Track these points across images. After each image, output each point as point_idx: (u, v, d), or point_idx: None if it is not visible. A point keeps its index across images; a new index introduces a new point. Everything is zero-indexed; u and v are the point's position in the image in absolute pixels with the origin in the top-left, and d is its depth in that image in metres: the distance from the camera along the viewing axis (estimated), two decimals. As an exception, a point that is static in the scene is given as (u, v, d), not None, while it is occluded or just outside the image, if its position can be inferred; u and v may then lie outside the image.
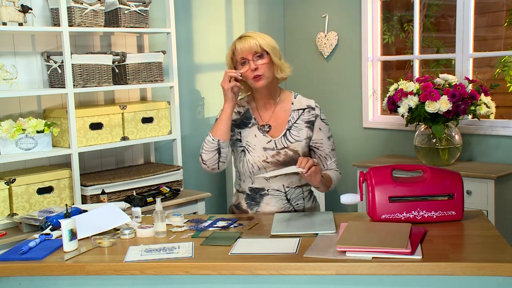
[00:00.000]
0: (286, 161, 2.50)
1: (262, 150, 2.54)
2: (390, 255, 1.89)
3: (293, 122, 2.56)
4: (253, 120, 2.59)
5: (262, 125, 2.58)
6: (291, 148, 2.52)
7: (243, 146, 2.57)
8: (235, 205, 2.68)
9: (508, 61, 4.84)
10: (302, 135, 2.55)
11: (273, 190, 2.56)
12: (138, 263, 1.98)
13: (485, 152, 3.92)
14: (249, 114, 2.61)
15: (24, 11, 3.15)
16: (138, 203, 3.21)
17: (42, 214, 2.79)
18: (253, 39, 2.45)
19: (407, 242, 1.96)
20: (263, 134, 2.56)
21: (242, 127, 2.60)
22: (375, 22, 4.46)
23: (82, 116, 3.37)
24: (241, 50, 2.46)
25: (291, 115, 2.57)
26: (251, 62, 2.46)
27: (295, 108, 2.59)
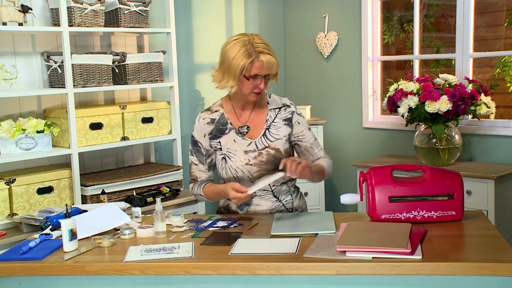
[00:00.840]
0: (269, 161, 2.51)
1: (244, 153, 2.52)
2: (390, 255, 1.89)
3: (271, 121, 2.56)
4: (229, 124, 2.56)
5: (240, 126, 2.56)
6: (272, 146, 2.53)
7: (224, 153, 2.55)
8: (223, 207, 2.68)
9: (508, 61, 4.84)
10: (281, 133, 2.55)
11: (260, 191, 2.55)
12: (138, 263, 1.98)
13: (485, 152, 3.92)
14: (223, 119, 2.57)
15: (24, 11, 3.15)
16: (138, 203, 3.21)
17: (42, 214, 2.79)
18: (274, 58, 2.42)
19: (407, 242, 1.96)
20: (242, 138, 2.54)
21: (219, 136, 2.56)
22: (375, 22, 4.46)
23: (82, 116, 3.37)
24: (263, 67, 2.40)
25: (268, 114, 2.57)
26: (263, 81, 2.44)
27: (271, 107, 2.59)
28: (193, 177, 2.64)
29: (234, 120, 2.57)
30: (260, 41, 2.43)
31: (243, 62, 2.39)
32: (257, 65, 2.40)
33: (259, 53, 2.39)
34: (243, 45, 2.41)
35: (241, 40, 2.44)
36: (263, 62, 2.39)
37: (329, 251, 1.98)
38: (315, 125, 4.31)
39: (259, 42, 2.42)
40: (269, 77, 2.47)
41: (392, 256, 1.89)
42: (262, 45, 2.42)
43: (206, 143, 2.58)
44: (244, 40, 2.43)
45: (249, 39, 2.43)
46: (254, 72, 2.41)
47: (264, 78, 2.44)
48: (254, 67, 2.40)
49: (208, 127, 2.57)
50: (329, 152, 4.74)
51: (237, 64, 2.40)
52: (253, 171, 2.51)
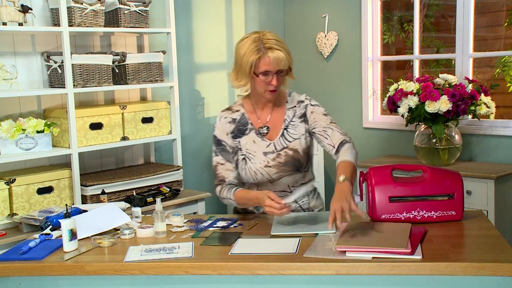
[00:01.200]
0: (287, 162, 2.48)
1: (262, 155, 2.49)
2: (390, 255, 1.89)
3: (289, 121, 2.52)
4: (249, 125, 2.52)
5: (260, 127, 2.53)
6: (291, 147, 2.49)
7: (244, 154, 2.51)
8: None
9: (508, 61, 4.84)
10: (299, 132, 2.50)
11: (279, 192, 2.51)
12: (138, 263, 1.98)
13: (485, 152, 3.92)
14: (244, 119, 2.53)
15: (24, 11, 3.15)
16: (138, 203, 3.21)
17: (42, 214, 2.79)
18: (283, 53, 2.37)
19: (407, 242, 1.96)
20: (261, 139, 2.50)
21: (239, 136, 2.52)
22: (375, 22, 4.46)
23: (82, 116, 3.37)
24: (271, 63, 2.36)
25: (286, 113, 2.53)
26: (275, 77, 2.39)
27: (289, 106, 2.54)
28: (219, 178, 2.51)
29: (254, 120, 2.53)
30: (271, 37, 2.38)
31: (252, 59, 2.36)
32: (265, 61, 2.36)
33: (268, 49, 2.35)
34: (252, 41, 2.38)
35: (251, 37, 2.41)
36: (271, 58, 2.35)
37: (329, 251, 1.98)
38: (315, 125, 4.30)
39: (269, 38, 2.38)
40: (282, 74, 2.41)
41: (392, 256, 1.89)
42: (273, 41, 2.37)
43: (230, 141, 2.52)
44: (255, 37, 2.39)
45: (259, 35, 2.39)
46: (263, 69, 2.37)
47: (276, 74, 2.39)
48: (262, 63, 2.36)
49: (230, 126, 2.53)
50: (329, 152, 4.75)
51: (246, 61, 2.38)
52: (272, 173, 2.48)
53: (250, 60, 2.37)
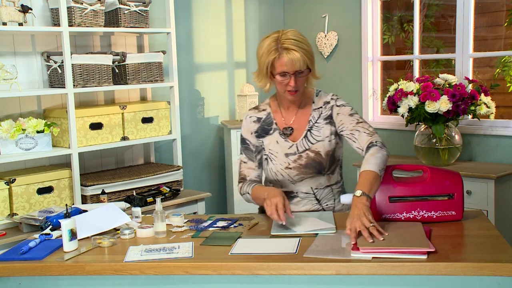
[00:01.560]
0: (308, 164, 2.43)
1: (284, 156, 2.45)
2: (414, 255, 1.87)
3: (314, 122, 2.46)
4: (274, 125, 2.49)
5: (284, 128, 2.48)
6: (313, 149, 2.44)
7: (266, 154, 2.49)
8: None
9: (508, 61, 4.84)
10: (323, 134, 2.44)
11: (302, 193, 2.49)
12: (138, 263, 1.98)
13: (485, 152, 3.92)
14: (269, 119, 2.50)
15: (24, 11, 3.15)
16: (138, 203, 3.21)
17: (42, 214, 2.79)
18: (299, 53, 2.29)
19: (428, 241, 1.95)
20: (284, 140, 2.46)
21: (263, 135, 2.49)
22: (375, 22, 4.46)
23: (82, 116, 3.37)
24: (286, 64, 2.30)
25: (311, 114, 2.47)
26: (292, 78, 2.33)
27: (315, 107, 2.48)
28: (241, 176, 2.53)
29: (279, 120, 2.50)
30: (290, 37, 2.32)
31: (268, 59, 2.33)
32: (281, 62, 2.31)
33: (284, 49, 2.30)
34: (271, 41, 2.34)
35: (272, 36, 2.36)
36: (285, 59, 2.29)
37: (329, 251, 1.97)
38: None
39: (288, 38, 2.31)
40: (301, 74, 2.35)
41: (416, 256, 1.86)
42: (290, 40, 2.31)
43: (254, 140, 2.51)
44: (274, 37, 2.34)
45: (279, 35, 2.34)
46: (280, 70, 2.33)
47: (294, 75, 2.33)
48: (278, 64, 2.32)
49: (254, 125, 2.51)
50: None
51: (264, 62, 2.36)
52: (292, 174, 2.45)
53: (267, 60, 2.34)
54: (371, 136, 2.34)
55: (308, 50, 2.35)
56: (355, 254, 1.91)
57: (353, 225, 2.01)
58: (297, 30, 2.40)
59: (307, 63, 2.34)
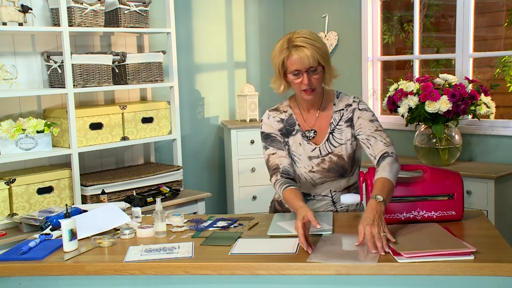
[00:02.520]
0: (331, 168, 2.40)
1: (307, 159, 2.42)
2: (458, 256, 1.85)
3: (336, 125, 2.42)
4: (296, 126, 2.44)
5: (307, 130, 2.44)
6: (335, 153, 2.41)
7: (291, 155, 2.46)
8: (278, 201, 2.59)
9: (508, 61, 4.84)
10: (345, 137, 2.41)
11: (320, 196, 2.48)
12: (138, 263, 1.98)
13: (485, 152, 3.92)
14: (292, 120, 2.45)
15: (24, 11, 3.15)
16: (138, 203, 3.21)
17: (42, 214, 2.79)
18: (309, 50, 2.25)
19: (461, 241, 1.94)
20: (307, 142, 2.42)
21: (288, 136, 2.44)
22: (375, 22, 4.46)
23: (82, 116, 3.38)
24: (296, 62, 2.26)
25: (333, 117, 2.42)
26: (305, 76, 2.28)
27: (336, 109, 2.43)
28: (273, 167, 2.37)
29: (301, 122, 2.45)
30: (301, 35, 2.28)
31: (279, 59, 2.30)
32: (291, 60, 2.27)
33: (293, 47, 2.26)
34: (282, 42, 2.31)
35: (284, 37, 2.33)
36: (294, 57, 2.25)
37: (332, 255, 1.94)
38: (315, 125, 4.31)
39: (298, 37, 2.28)
40: (315, 72, 2.29)
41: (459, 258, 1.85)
42: (301, 39, 2.27)
43: (280, 135, 2.44)
44: (286, 38, 2.31)
45: (291, 35, 2.31)
46: (291, 68, 2.29)
47: (306, 73, 2.28)
48: (289, 62, 2.28)
49: (278, 124, 2.45)
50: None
51: (276, 63, 2.33)
52: (315, 178, 2.43)
53: (278, 60, 2.31)
54: (387, 146, 2.29)
55: (320, 47, 2.29)
56: (400, 260, 1.87)
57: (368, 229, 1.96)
58: (310, 31, 2.35)
59: (318, 59, 2.27)
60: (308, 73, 2.29)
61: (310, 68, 2.28)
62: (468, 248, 1.88)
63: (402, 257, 1.87)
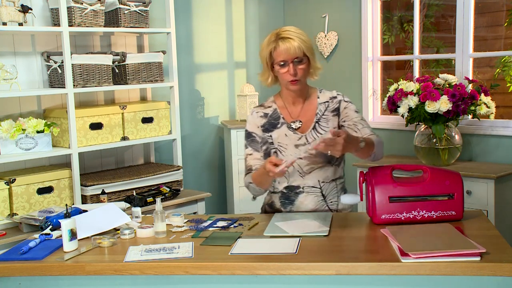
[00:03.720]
0: (318, 153, 2.46)
1: (294, 148, 2.51)
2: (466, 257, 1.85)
3: (321, 115, 2.54)
4: (281, 119, 2.55)
5: (292, 121, 2.54)
6: None
7: (275, 147, 2.53)
8: (268, 204, 2.65)
9: (508, 61, 4.84)
10: (331, 125, 2.53)
11: (309, 187, 2.53)
12: (138, 263, 1.98)
13: (485, 152, 3.92)
14: (276, 114, 2.57)
15: (24, 11, 3.15)
16: (138, 203, 3.21)
17: (42, 214, 2.79)
18: (296, 41, 2.39)
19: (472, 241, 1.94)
20: (293, 132, 2.53)
21: (271, 130, 2.55)
22: (375, 22, 4.46)
23: (82, 116, 3.38)
24: (283, 52, 2.40)
25: (318, 108, 2.55)
26: (291, 66, 2.42)
27: (321, 101, 2.57)
28: (248, 168, 2.57)
29: (286, 115, 2.57)
30: (288, 29, 2.43)
31: (266, 51, 2.44)
32: (278, 51, 2.41)
33: (279, 39, 2.41)
34: (270, 36, 2.46)
35: (271, 32, 2.48)
36: (281, 47, 2.39)
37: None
38: (315, 125, 4.31)
39: (285, 30, 2.43)
40: (301, 63, 2.42)
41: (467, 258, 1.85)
42: (288, 32, 2.42)
43: (261, 133, 2.56)
44: (273, 32, 2.46)
45: (278, 30, 2.46)
46: (279, 59, 2.42)
47: (293, 63, 2.41)
48: (276, 53, 2.42)
49: (261, 120, 2.57)
50: (329, 152, 4.74)
51: (264, 55, 2.47)
52: (303, 165, 2.50)
53: (266, 52, 2.45)
54: (373, 134, 2.49)
55: (306, 40, 2.44)
56: (405, 260, 1.87)
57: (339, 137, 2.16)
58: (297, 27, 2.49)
59: (304, 50, 2.41)
60: (294, 64, 2.42)
61: (296, 58, 2.41)
62: (478, 248, 1.87)
63: (410, 257, 1.87)
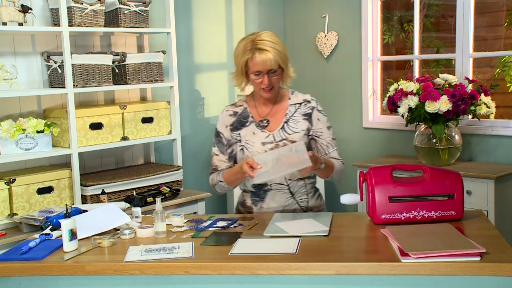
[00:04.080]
0: None
1: (261, 145, 2.55)
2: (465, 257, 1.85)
3: (290, 116, 2.59)
4: (250, 118, 2.61)
5: (260, 120, 2.60)
6: (290, 139, 2.54)
7: (242, 144, 2.58)
8: (240, 203, 2.70)
9: (508, 61, 4.84)
10: (300, 127, 2.57)
11: (276, 185, 2.56)
12: (138, 263, 1.98)
13: (485, 152, 3.92)
14: (246, 113, 2.63)
15: (24, 11, 3.15)
16: (138, 203, 3.21)
17: (42, 214, 2.79)
18: (271, 54, 2.43)
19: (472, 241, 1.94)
20: (261, 130, 2.58)
21: (240, 128, 2.61)
22: (375, 22, 4.46)
23: (82, 116, 3.37)
24: (259, 64, 2.44)
25: (288, 109, 2.60)
26: (266, 77, 2.47)
27: (292, 103, 2.62)
28: (213, 167, 2.67)
29: (255, 114, 2.63)
30: (265, 38, 2.46)
31: (243, 59, 2.49)
32: (254, 62, 2.45)
33: (257, 50, 2.44)
34: (246, 42, 2.49)
35: (247, 38, 2.51)
36: (257, 59, 2.43)
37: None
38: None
39: (262, 39, 2.46)
40: (275, 73, 2.48)
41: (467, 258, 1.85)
42: (264, 41, 2.45)
43: (228, 134, 2.62)
44: (250, 38, 2.49)
45: (254, 36, 2.48)
46: (254, 69, 2.47)
47: (267, 74, 2.46)
48: (252, 63, 2.46)
49: (230, 118, 2.63)
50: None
51: (239, 62, 2.52)
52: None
53: (242, 60, 2.49)
54: (340, 158, 2.61)
55: (281, 51, 2.48)
56: (405, 260, 1.87)
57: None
58: (271, 32, 2.53)
59: (279, 62, 2.47)
60: (268, 74, 2.48)
61: (270, 70, 2.46)
62: (478, 248, 1.87)
63: (410, 257, 1.87)
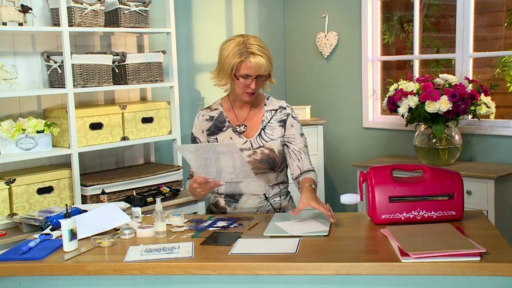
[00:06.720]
0: (263, 160, 2.54)
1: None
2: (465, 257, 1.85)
3: (267, 122, 2.60)
4: (227, 122, 2.61)
5: (238, 125, 2.60)
6: (267, 146, 2.56)
7: None
8: (213, 203, 2.72)
9: (508, 61, 4.84)
10: (276, 134, 2.58)
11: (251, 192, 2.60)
12: (138, 263, 1.98)
13: (485, 152, 3.93)
14: (222, 117, 2.62)
15: (24, 11, 3.15)
16: (138, 203, 3.21)
17: (42, 214, 2.79)
18: (264, 59, 2.44)
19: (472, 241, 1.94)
20: (238, 136, 2.58)
21: (217, 132, 2.61)
22: (375, 22, 4.47)
23: (82, 116, 3.38)
24: (252, 68, 2.44)
25: (264, 115, 2.61)
26: (254, 82, 2.47)
27: (268, 109, 2.62)
28: (190, 173, 2.66)
29: (232, 119, 2.62)
30: (255, 43, 2.47)
31: (234, 61, 2.45)
32: (246, 65, 2.44)
33: (250, 53, 2.44)
34: (236, 44, 2.48)
35: (236, 40, 2.50)
36: (251, 63, 2.43)
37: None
38: (315, 125, 4.31)
39: (252, 44, 2.46)
40: (261, 78, 2.49)
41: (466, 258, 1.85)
42: (256, 46, 2.46)
43: (204, 139, 2.63)
44: (239, 41, 2.49)
45: (244, 39, 2.48)
46: (244, 72, 2.46)
47: (255, 79, 2.47)
48: (243, 67, 2.45)
49: (207, 123, 2.63)
50: (329, 152, 4.75)
51: (229, 63, 2.47)
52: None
53: (232, 62, 2.46)
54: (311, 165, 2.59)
55: (270, 57, 2.51)
56: (405, 260, 1.87)
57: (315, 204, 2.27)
58: (258, 37, 2.55)
59: (269, 69, 2.49)
60: (256, 79, 2.48)
61: (259, 75, 2.47)
62: (478, 248, 1.87)
63: (409, 257, 1.87)
